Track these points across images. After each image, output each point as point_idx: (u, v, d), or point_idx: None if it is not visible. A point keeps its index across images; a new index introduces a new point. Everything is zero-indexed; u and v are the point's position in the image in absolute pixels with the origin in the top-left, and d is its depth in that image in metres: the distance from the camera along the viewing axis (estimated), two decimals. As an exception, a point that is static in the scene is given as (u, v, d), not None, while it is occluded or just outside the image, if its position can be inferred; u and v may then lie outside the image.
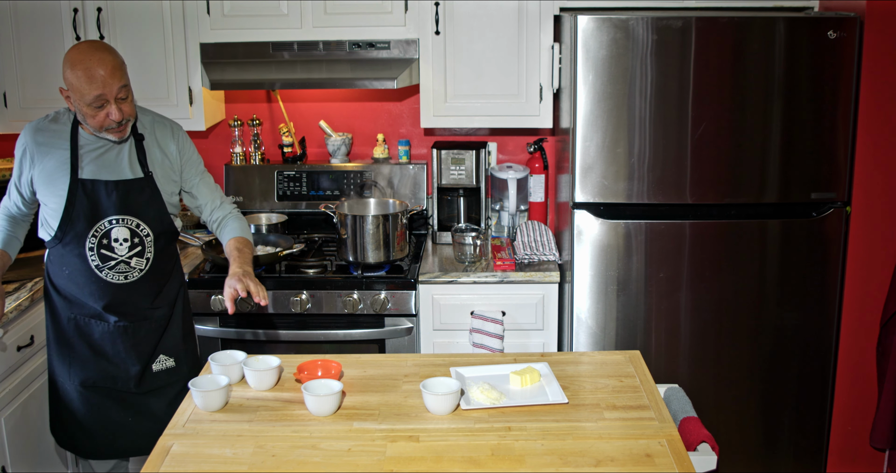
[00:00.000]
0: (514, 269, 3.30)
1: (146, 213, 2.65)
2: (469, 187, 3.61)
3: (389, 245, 3.31)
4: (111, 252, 2.62)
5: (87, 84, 2.43)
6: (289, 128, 3.83)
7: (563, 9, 3.34)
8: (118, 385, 2.71)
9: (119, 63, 2.49)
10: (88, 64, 2.43)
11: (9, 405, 2.88)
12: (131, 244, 2.64)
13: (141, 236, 2.65)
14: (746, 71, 2.93)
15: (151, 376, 2.73)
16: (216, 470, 1.97)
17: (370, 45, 3.44)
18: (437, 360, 2.53)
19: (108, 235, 2.61)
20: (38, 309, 3.06)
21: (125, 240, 2.63)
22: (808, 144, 2.98)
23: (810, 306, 3.10)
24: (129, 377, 2.71)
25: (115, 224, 2.61)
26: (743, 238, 3.05)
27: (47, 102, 3.49)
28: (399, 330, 3.27)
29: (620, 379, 2.40)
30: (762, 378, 3.16)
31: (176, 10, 3.41)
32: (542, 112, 3.45)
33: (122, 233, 2.62)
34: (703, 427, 2.25)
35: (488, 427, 2.13)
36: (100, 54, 2.45)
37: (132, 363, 2.70)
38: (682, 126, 2.97)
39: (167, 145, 2.72)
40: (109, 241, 2.61)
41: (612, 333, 3.14)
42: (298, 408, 2.24)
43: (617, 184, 3.03)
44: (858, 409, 3.19)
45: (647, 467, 1.96)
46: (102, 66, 2.44)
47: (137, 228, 2.64)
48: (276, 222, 3.67)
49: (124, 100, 2.51)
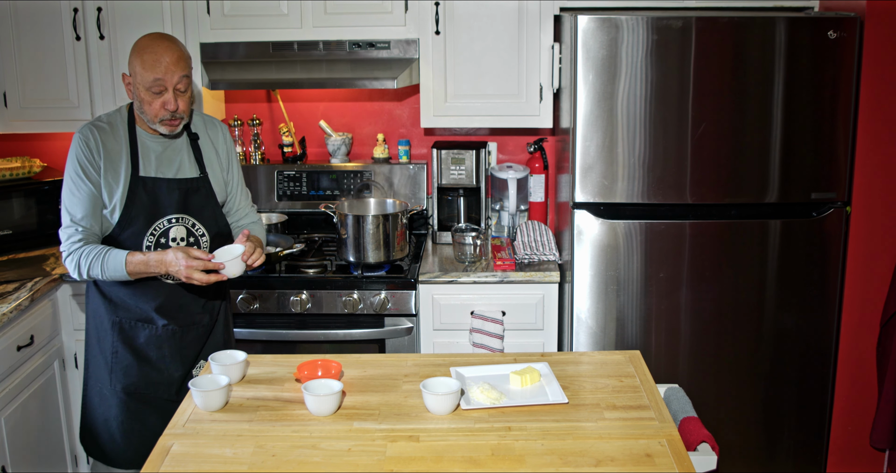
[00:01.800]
0: (514, 269, 3.30)
1: (203, 213, 2.64)
2: (469, 187, 3.61)
3: (389, 245, 3.31)
4: None
5: (151, 67, 2.47)
6: (289, 128, 3.83)
7: (563, 9, 3.34)
8: (159, 392, 2.65)
9: (185, 55, 2.54)
10: (156, 48, 2.49)
11: (9, 405, 2.88)
12: (187, 244, 2.62)
13: (196, 236, 2.64)
14: (746, 71, 2.93)
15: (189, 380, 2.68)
16: (216, 470, 1.97)
17: (370, 44, 3.44)
18: (437, 360, 2.53)
19: (165, 234, 2.59)
20: (38, 309, 3.07)
21: (182, 240, 2.62)
22: (808, 144, 2.98)
23: (810, 306, 3.10)
24: (172, 382, 2.66)
25: (174, 223, 2.60)
26: (743, 238, 3.06)
27: (47, 102, 3.49)
28: (399, 330, 3.27)
29: (620, 379, 2.40)
30: (762, 378, 3.16)
31: (176, 10, 3.41)
32: (542, 112, 3.45)
33: (179, 232, 2.61)
34: (703, 427, 2.25)
35: (488, 427, 2.13)
36: (168, 42, 2.52)
37: (175, 368, 2.66)
38: (682, 126, 2.97)
39: (219, 145, 2.72)
40: (167, 240, 2.59)
41: (612, 333, 3.14)
42: (298, 408, 2.24)
43: (617, 184, 3.03)
44: (858, 409, 3.19)
45: (647, 467, 1.96)
46: (168, 53, 2.49)
47: (193, 228, 2.62)
48: (276, 222, 3.67)
49: (183, 92, 2.53)
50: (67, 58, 3.45)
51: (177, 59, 2.50)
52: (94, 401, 2.69)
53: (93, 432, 2.71)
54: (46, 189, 3.52)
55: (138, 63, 2.49)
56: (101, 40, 3.43)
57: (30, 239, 3.52)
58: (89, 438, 2.73)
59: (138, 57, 2.49)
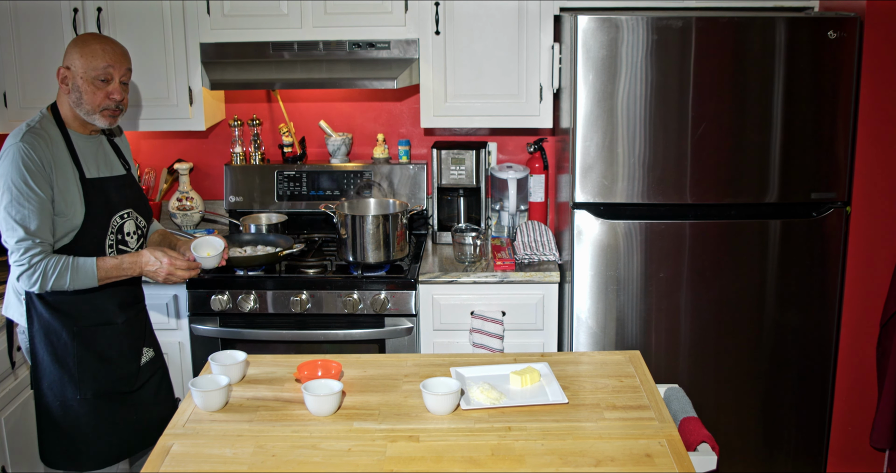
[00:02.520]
0: (514, 269, 3.30)
1: (140, 206, 2.72)
2: (469, 187, 3.61)
3: (389, 245, 3.31)
4: (126, 246, 2.65)
5: (100, 55, 2.53)
6: (289, 128, 3.83)
7: (563, 9, 3.34)
8: (122, 386, 2.66)
9: (126, 50, 2.63)
10: (103, 41, 2.58)
11: (9, 405, 2.88)
12: (137, 236, 2.70)
13: (141, 229, 2.72)
14: (746, 71, 2.93)
15: (140, 370, 2.71)
16: (216, 470, 1.97)
17: (370, 44, 3.44)
18: (437, 360, 2.53)
19: (121, 230, 2.64)
20: (38, 309, 3.06)
21: (134, 233, 2.68)
22: (808, 144, 2.98)
23: (810, 306, 3.10)
24: (131, 374, 2.67)
25: (126, 218, 2.65)
26: (743, 238, 3.06)
27: (47, 102, 3.48)
28: (399, 330, 3.27)
29: (620, 379, 2.40)
30: (762, 378, 3.16)
31: (176, 10, 3.41)
32: (542, 112, 3.45)
33: (130, 226, 2.67)
34: (703, 427, 2.25)
35: (488, 427, 2.13)
36: (111, 39, 2.62)
37: (132, 360, 2.69)
38: (682, 126, 2.97)
39: (124, 142, 2.83)
40: (123, 236, 2.65)
41: (612, 333, 3.14)
42: (298, 408, 2.24)
43: (617, 184, 3.03)
44: (858, 409, 3.19)
45: (647, 467, 1.96)
46: (115, 46, 2.59)
47: (137, 221, 2.70)
48: (276, 222, 3.67)
49: (125, 85, 2.60)
50: (67, 58, 3.44)
51: (123, 52, 2.60)
52: (56, 414, 2.60)
53: (61, 444, 2.62)
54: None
55: (84, 53, 2.52)
56: (101, 40, 3.43)
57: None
58: (56, 452, 2.64)
59: (84, 47, 2.53)
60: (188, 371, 3.37)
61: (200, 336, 3.29)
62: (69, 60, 2.54)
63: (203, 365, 3.14)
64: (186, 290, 3.27)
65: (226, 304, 3.24)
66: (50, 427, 2.62)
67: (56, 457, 2.64)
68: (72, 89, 2.54)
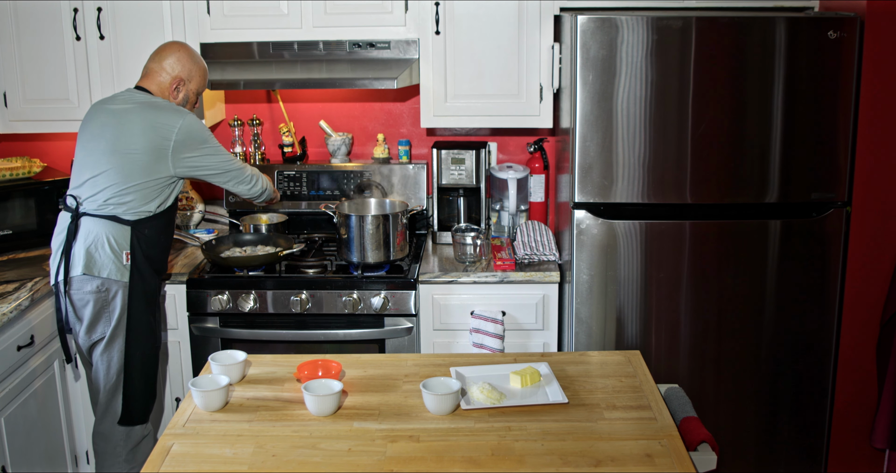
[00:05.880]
0: (514, 269, 3.30)
1: None
2: (469, 187, 3.61)
3: (389, 245, 3.31)
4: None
5: (208, 75, 3.10)
6: (289, 128, 3.83)
7: (563, 9, 3.34)
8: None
9: None
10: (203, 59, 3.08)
11: (9, 405, 2.88)
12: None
13: None
14: (746, 71, 2.93)
15: None
16: (216, 470, 1.97)
17: (370, 45, 3.44)
18: (437, 360, 2.53)
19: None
20: (38, 308, 3.07)
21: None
22: (808, 144, 2.98)
23: (810, 306, 3.10)
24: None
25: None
26: (743, 238, 3.06)
27: (47, 102, 3.50)
28: (399, 330, 3.27)
29: (620, 379, 2.40)
30: (762, 378, 3.16)
31: (176, 10, 3.41)
32: (542, 112, 3.45)
33: None
34: (703, 427, 2.25)
35: (488, 427, 2.13)
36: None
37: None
38: (682, 126, 2.97)
39: None
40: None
41: (612, 333, 3.14)
42: (298, 408, 2.24)
43: (617, 184, 3.03)
44: (858, 409, 3.19)
45: (647, 467, 1.96)
46: None
47: None
48: (276, 222, 3.67)
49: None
50: (67, 58, 3.45)
51: None
52: (136, 372, 2.92)
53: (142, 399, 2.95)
54: (46, 189, 3.52)
55: (203, 73, 3.03)
56: (101, 40, 3.43)
57: (30, 239, 3.53)
58: (137, 406, 2.95)
59: (203, 65, 3.03)
60: (188, 371, 3.37)
61: (200, 335, 3.29)
62: (188, 72, 2.96)
63: (203, 365, 3.15)
64: (186, 290, 3.27)
65: (226, 304, 3.25)
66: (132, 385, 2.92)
67: (137, 412, 2.95)
68: (185, 95, 2.98)
